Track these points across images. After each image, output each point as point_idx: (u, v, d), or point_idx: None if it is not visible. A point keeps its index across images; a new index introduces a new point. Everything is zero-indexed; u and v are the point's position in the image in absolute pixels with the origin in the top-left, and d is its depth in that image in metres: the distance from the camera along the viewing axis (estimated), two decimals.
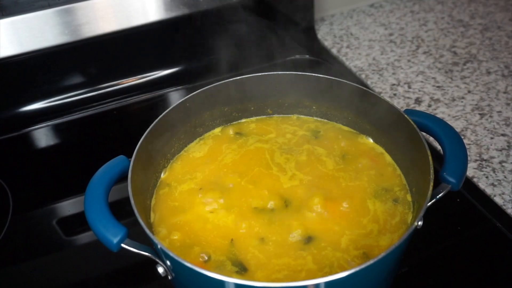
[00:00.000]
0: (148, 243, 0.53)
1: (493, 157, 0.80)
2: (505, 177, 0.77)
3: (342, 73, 1.03)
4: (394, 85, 0.98)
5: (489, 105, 0.91)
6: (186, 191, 0.65)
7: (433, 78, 0.99)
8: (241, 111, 0.76)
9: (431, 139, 0.81)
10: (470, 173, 0.78)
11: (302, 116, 0.77)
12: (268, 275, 0.55)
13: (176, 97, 1.00)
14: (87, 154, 0.86)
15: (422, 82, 0.98)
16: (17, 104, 0.93)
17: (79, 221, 0.70)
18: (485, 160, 0.80)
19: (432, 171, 0.55)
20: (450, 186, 0.55)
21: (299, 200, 0.63)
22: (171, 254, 0.49)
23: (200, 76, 0.98)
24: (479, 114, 0.89)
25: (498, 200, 0.73)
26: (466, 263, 0.67)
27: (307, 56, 1.08)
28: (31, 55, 0.87)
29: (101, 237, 0.51)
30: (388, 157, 0.69)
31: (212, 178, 0.67)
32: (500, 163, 0.79)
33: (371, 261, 0.46)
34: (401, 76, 1.00)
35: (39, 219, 0.76)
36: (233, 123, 0.76)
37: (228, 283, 0.46)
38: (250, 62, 1.00)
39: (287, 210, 0.61)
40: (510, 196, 0.74)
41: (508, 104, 0.91)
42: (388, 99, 0.93)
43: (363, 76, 1.01)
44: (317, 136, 0.73)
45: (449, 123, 0.73)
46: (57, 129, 0.94)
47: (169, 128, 0.67)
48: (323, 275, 0.53)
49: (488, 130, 0.86)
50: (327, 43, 1.12)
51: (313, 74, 0.71)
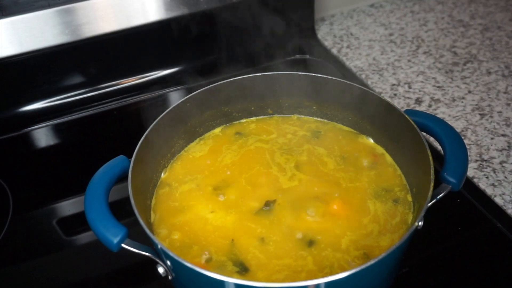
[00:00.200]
0: (148, 243, 0.53)
1: (494, 158, 0.80)
2: (506, 177, 0.77)
3: (342, 73, 1.03)
4: (394, 85, 0.98)
5: (489, 105, 0.91)
6: (186, 191, 0.65)
7: (433, 78, 0.99)
8: (241, 111, 0.76)
9: (432, 139, 0.81)
10: (470, 173, 0.78)
11: (303, 116, 0.77)
12: (268, 275, 0.55)
13: (176, 97, 1.00)
14: (87, 154, 0.86)
15: (422, 82, 0.98)
16: (17, 104, 0.93)
17: (79, 221, 0.70)
18: (486, 161, 0.80)
19: (432, 171, 0.55)
20: (451, 186, 0.55)
21: (300, 200, 0.62)
22: (171, 254, 0.48)
23: (200, 76, 0.98)
24: (480, 114, 0.89)
25: (498, 200, 0.73)
26: (467, 263, 0.67)
27: (307, 56, 1.08)
28: (31, 55, 0.87)
29: (101, 237, 0.51)
30: (388, 157, 0.69)
31: (212, 178, 0.67)
32: (501, 163, 0.79)
33: (371, 262, 0.46)
34: (401, 76, 1.00)
35: (39, 219, 0.76)
36: (233, 123, 0.76)
37: (229, 283, 0.46)
38: (250, 62, 1.01)
39: (287, 211, 0.61)
40: (510, 197, 0.74)
41: (509, 105, 0.91)
42: (389, 99, 0.93)
43: (363, 76, 1.01)
44: (317, 136, 0.73)
45: (450, 123, 0.73)
46: (57, 129, 0.94)
47: (169, 128, 0.67)
48: (323, 276, 0.53)
49: (488, 131, 0.86)
50: (327, 43, 1.12)
51: (313, 74, 0.71)
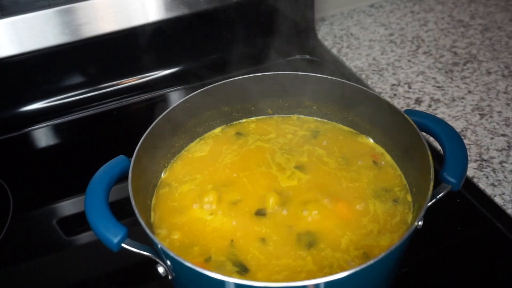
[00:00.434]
0: (148, 243, 0.53)
1: (493, 157, 0.80)
2: (505, 177, 0.77)
3: (342, 73, 1.03)
4: (394, 85, 0.98)
5: (489, 105, 0.91)
6: (186, 191, 0.65)
7: (433, 78, 0.99)
8: (241, 111, 0.76)
9: (431, 139, 0.81)
10: (470, 173, 0.78)
11: (302, 116, 0.77)
12: (268, 276, 0.55)
13: (176, 97, 1.00)
14: (87, 154, 0.86)
15: (422, 82, 0.98)
16: (17, 104, 0.93)
17: (79, 221, 0.70)
18: (485, 160, 0.80)
19: (432, 171, 0.55)
20: (450, 186, 0.55)
21: (300, 200, 0.62)
22: (172, 254, 0.48)
23: (200, 76, 0.98)
24: (479, 114, 0.89)
25: (498, 200, 0.73)
26: (466, 263, 0.67)
27: (307, 56, 1.08)
28: (31, 55, 0.87)
29: (102, 237, 0.51)
30: (388, 157, 0.69)
31: (212, 178, 0.67)
32: (500, 163, 0.79)
33: (371, 261, 0.46)
34: (401, 76, 1.00)
35: (39, 219, 0.76)
36: (233, 123, 0.76)
37: (229, 283, 0.46)
38: (250, 62, 1.01)
39: (287, 211, 0.61)
40: (510, 197, 0.74)
41: (508, 105, 0.91)
42: (388, 99, 0.93)
43: (363, 76, 1.01)
44: (317, 136, 0.73)
45: (449, 123, 0.73)
46: (57, 129, 0.94)
47: (169, 128, 0.67)
48: (323, 276, 0.53)
49: (488, 130, 0.86)
50: (327, 43, 1.12)
51: (313, 74, 0.71)
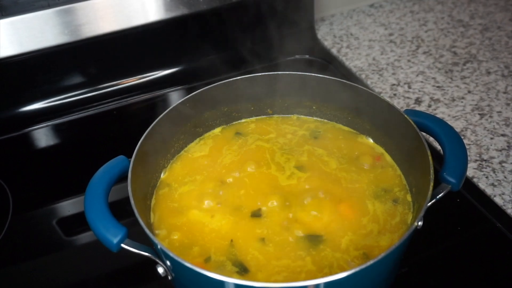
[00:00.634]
0: (148, 243, 0.53)
1: (493, 157, 0.80)
2: (505, 177, 0.77)
3: (342, 73, 1.03)
4: (394, 85, 0.98)
5: (489, 105, 0.91)
6: (186, 191, 0.65)
7: (433, 78, 0.99)
8: (241, 111, 0.76)
9: (431, 139, 0.81)
10: (470, 173, 0.78)
11: (302, 116, 0.77)
12: (267, 276, 0.55)
13: (176, 97, 1.00)
14: (87, 154, 0.86)
15: (422, 82, 0.98)
16: (17, 104, 0.93)
17: (79, 221, 0.70)
18: (485, 160, 0.80)
19: (432, 171, 0.55)
20: (450, 186, 0.55)
21: (299, 200, 0.62)
22: (171, 254, 0.48)
23: (200, 76, 0.98)
24: (479, 114, 0.89)
25: (498, 200, 0.73)
26: (466, 263, 0.67)
27: (307, 56, 1.08)
28: (31, 55, 0.87)
29: (101, 237, 0.51)
30: (388, 157, 0.69)
31: (212, 178, 0.67)
32: (500, 163, 0.79)
33: (371, 262, 0.46)
34: (401, 76, 1.00)
35: (39, 219, 0.76)
36: (233, 123, 0.76)
37: (228, 283, 0.46)
38: (250, 62, 1.00)
39: (287, 211, 0.61)
40: (510, 196, 0.74)
41: (508, 104, 0.91)
42: (388, 99, 0.93)
43: (363, 76, 1.01)
44: (317, 136, 0.73)
45: (449, 123, 0.73)
46: (57, 129, 0.94)
47: (169, 128, 0.67)
48: (322, 276, 0.53)
49: (488, 130, 0.86)
50: (327, 43, 1.12)
51: (313, 74, 0.71)
